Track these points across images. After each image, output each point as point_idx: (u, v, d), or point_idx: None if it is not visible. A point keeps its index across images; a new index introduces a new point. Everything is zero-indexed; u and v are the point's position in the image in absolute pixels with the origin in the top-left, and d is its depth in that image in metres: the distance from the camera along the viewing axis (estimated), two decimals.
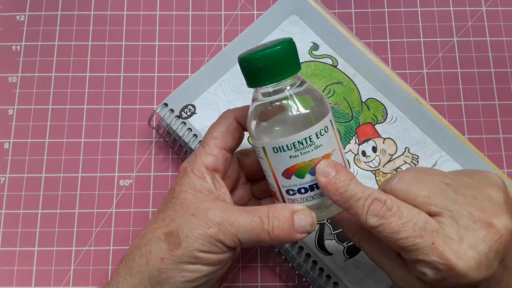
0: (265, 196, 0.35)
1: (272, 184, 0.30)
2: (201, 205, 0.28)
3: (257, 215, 0.27)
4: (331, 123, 0.29)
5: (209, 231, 0.27)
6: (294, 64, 0.28)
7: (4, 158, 0.42)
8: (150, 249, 0.28)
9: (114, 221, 0.40)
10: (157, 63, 0.44)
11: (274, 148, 0.28)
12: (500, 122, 0.42)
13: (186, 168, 0.30)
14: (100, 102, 0.43)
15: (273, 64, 0.27)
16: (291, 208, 0.28)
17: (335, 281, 0.37)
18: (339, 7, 0.45)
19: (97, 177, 0.41)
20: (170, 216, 0.28)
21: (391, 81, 0.41)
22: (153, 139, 0.42)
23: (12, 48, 0.44)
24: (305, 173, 0.28)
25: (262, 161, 0.29)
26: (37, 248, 0.40)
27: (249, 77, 0.28)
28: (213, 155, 0.30)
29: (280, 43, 0.27)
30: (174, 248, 0.27)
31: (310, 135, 0.27)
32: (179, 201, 0.29)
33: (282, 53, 0.27)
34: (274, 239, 0.28)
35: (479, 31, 0.45)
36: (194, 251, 0.27)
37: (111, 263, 0.40)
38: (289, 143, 0.27)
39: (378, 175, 0.39)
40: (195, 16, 0.45)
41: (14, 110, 0.43)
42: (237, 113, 0.31)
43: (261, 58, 0.27)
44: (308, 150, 0.27)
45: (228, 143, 0.31)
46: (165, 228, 0.28)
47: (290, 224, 0.28)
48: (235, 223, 0.27)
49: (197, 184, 0.29)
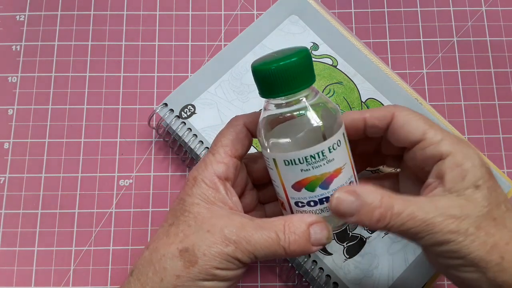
0: (270, 201, 0.35)
1: (280, 194, 0.29)
2: (217, 221, 0.27)
3: (273, 231, 0.27)
4: (343, 136, 0.28)
5: (226, 249, 0.26)
6: (310, 76, 0.27)
7: (4, 158, 0.42)
8: (164, 265, 0.27)
9: (114, 221, 0.40)
10: (157, 63, 0.44)
11: (286, 161, 0.27)
12: (500, 122, 0.42)
13: (196, 177, 0.29)
14: (100, 102, 0.43)
15: (289, 76, 0.26)
16: (307, 221, 0.28)
17: (335, 281, 0.37)
18: (339, 7, 0.45)
19: (97, 177, 0.41)
20: (183, 232, 0.28)
21: (391, 81, 0.41)
22: (153, 139, 0.42)
23: (12, 48, 0.44)
24: (315, 187, 0.27)
25: (271, 171, 0.29)
26: (37, 248, 0.40)
27: (262, 88, 0.28)
28: (224, 164, 0.29)
29: (296, 54, 0.26)
30: (190, 265, 0.26)
31: (322, 150, 0.27)
32: (193, 215, 0.28)
33: (298, 65, 0.26)
34: (290, 254, 0.27)
35: (479, 31, 0.45)
36: (211, 269, 0.26)
37: (111, 263, 0.40)
38: (301, 156, 0.27)
39: None
40: (195, 16, 0.45)
41: (14, 110, 0.43)
42: (246, 119, 0.31)
43: (276, 70, 0.26)
44: (320, 164, 0.27)
45: (238, 150, 0.30)
46: (180, 245, 0.27)
47: (307, 238, 0.27)
48: (252, 241, 0.27)
49: (209, 196, 0.28)
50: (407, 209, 0.25)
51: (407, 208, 0.26)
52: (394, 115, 0.29)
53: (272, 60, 0.27)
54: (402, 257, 0.37)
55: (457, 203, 0.26)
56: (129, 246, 0.40)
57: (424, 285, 0.36)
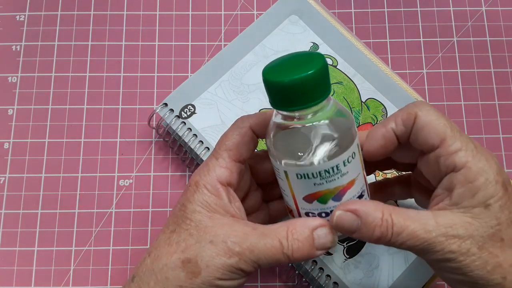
0: (274, 199, 0.34)
1: (290, 204, 0.29)
2: (219, 231, 0.27)
3: (276, 239, 0.26)
4: (357, 147, 0.27)
5: (230, 261, 0.26)
6: (326, 88, 0.25)
7: (4, 158, 0.42)
8: (166, 275, 0.27)
9: (114, 221, 0.40)
10: (157, 63, 0.44)
11: (298, 174, 0.26)
12: (500, 122, 0.42)
13: (198, 183, 0.28)
14: (100, 102, 0.43)
15: (304, 90, 0.24)
16: (310, 226, 0.27)
17: (335, 281, 0.37)
18: (339, 7, 0.45)
19: (97, 177, 0.41)
20: (185, 241, 0.27)
21: (391, 81, 0.41)
22: (153, 139, 0.42)
23: (12, 48, 0.44)
24: (328, 200, 0.27)
25: (281, 181, 0.28)
26: (37, 248, 0.40)
27: (274, 99, 0.25)
28: (227, 169, 0.28)
29: (313, 65, 0.24)
30: (193, 276, 0.26)
31: (337, 164, 0.26)
32: (194, 224, 0.27)
33: (315, 78, 0.24)
34: (294, 261, 0.27)
35: (479, 31, 0.45)
36: (214, 280, 0.26)
37: (110, 263, 0.40)
38: (315, 171, 0.25)
39: (378, 175, 0.39)
40: (195, 16, 0.45)
41: (14, 110, 0.43)
42: (253, 121, 0.29)
43: (290, 83, 0.24)
44: (334, 178, 0.26)
45: (243, 155, 0.29)
46: (182, 255, 0.27)
47: (311, 244, 0.27)
48: (255, 251, 0.26)
49: (211, 203, 0.28)
50: (408, 228, 0.25)
51: (408, 226, 0.25)
52: (416, 115, 0.27)
53: (286, 70, 0.25)
54: (402, 257, 0.37)
55: (462, 221, 0.25)
56: (129, 246, 0.40)
57: (424, 285, 0.36)
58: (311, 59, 0.25)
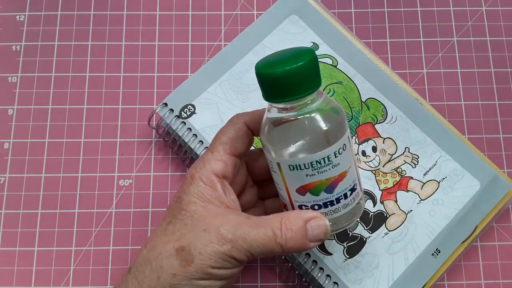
0: (270, 197, 0.35)
1: (284, 197, 0.29)
2: (213, 220, 0.27)
3: (270, 228, 0.27)
4: (348, 140, 0.28)
5: (222, 248, 0.27)
6: (316, 80, 0.26)
7: (4, 158, 0.42)
8: (161, 264, 0.27)
9: (114, 221, 0.40)
10: (157, 63, 0.44)
11: (290, 165, 0.27)
12: (500, 122, 0.42)
13: (194, 175, 0.29)
14: (100, 102, 0.43)
15: (295, 81, 0.25)
16: (304, 217, 0.27)
17: (335, 281, 0.37)
18: (339, 7, 0.45)
19: (97, 177, 0.41)
20: (180, 231, 0.28)
21: (391, 81, 0.41)
22: (153, 139, 0.42)
23: (12, 48, 0.44)
24: (320, 191, 0.27)
25: (275, 174, 0.29)
26: (37, 248, 0.40)
27: (266, 92, 0.27)
28: (222, 161, 0.29)
29: (303, 57, 0.25)
30: (186, 264, 0.27)
31: (328, 155, 0.26)
32: (189, 214, 0.28)
33: (305, 69, 0.25)
34: (287, 251, 0.27)
35: (479, 31, 0.45)
36: (207, 268, 0.27)
37: (110, 263, 0.40)
38: (306, 162, 0.26)
39: (378, 175, 0.39)
40: (195, 16, 0.45)
41: (14, 110, 0.43)
42: (247, 118, 0.30)
43: (282, 75, 0.25)
44: (326, 169, 0.27)
45: (238, 149, 0.30)
46: (176, 243, 0.27)
47: (304, 234, 0.27)
48: (248, 239, 0.27)
49: (206, 194, 0.28)
50: None
51: None
52: None
53: (277, 63, 0.26)
54: (402, 257, 0.37)
55: None
56: (129, 246, 0.40)
57: (424, 285, 0.36)
58: (302, 53, 0.26)
